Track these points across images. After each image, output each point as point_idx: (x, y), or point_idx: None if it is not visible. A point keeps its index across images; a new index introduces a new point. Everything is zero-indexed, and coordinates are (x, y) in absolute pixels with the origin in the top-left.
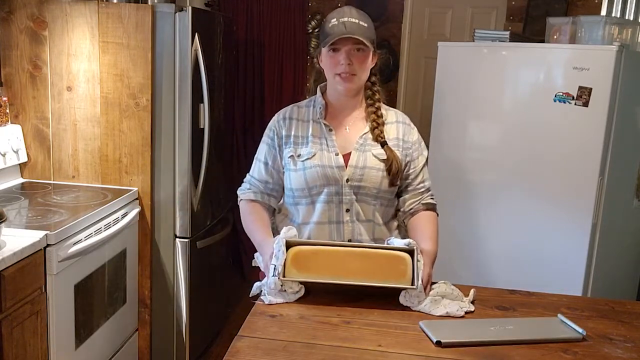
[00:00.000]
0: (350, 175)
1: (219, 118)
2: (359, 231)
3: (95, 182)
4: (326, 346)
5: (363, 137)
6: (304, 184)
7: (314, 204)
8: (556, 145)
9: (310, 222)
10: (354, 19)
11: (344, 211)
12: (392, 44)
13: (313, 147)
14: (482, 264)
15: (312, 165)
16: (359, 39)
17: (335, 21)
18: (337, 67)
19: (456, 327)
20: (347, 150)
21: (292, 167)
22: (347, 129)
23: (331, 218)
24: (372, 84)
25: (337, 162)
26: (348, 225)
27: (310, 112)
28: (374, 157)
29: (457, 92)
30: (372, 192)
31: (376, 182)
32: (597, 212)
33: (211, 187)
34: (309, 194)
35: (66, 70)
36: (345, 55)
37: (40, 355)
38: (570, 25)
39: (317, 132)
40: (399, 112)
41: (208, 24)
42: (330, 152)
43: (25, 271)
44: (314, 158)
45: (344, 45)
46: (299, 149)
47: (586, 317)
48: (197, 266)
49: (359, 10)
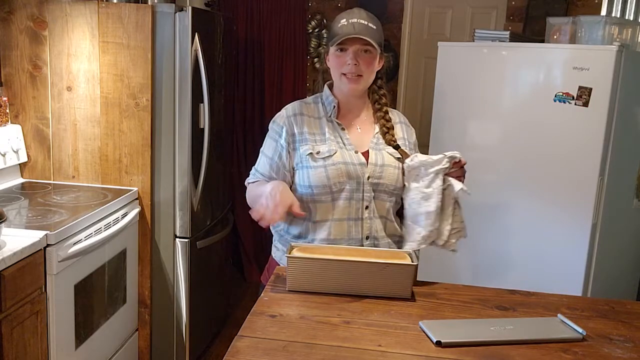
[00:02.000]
0: (371, 173)
1: (219, 118)
2: (375, 227)
3: (95, 182)
4: (326, 346)
5: (376, 137)
6: (326, 180)
7: (335, 201)
8: (556, 145)
9: (329, 219)
10: (363, 21)
11: (364, 208)
12: (392, 44)
13: (332, 145)
14: (482, 264)
15: (335, 162)
16: (367, 40)
17: (344, 21)
18: (344, 67)
19: (456, 327)
20: (362, 149)
21: (311, 164)
22: (359, 129)
23: (350, 215)
24: (379, 88)
25: (359, 159)
26: (366, 221)
27: (320, 109)
28: (390, 155)
29: (457, 92)
30: (389, 189)
31: (393, 179)
32: (597, 212)
33: (211, 187)
34: (330, 191)
35: (66, 70)
36: (353, 55)
37: (40, 355)
38: (570, 25)
39: (331, 130)
40: (398, 112)
41: (208, 24)
42: (349, 150)
43: (25, 271)
44: (336, 156)
45: (352, 46)
46: (317, 146)
47: (586, 317)
48: (197, 266)
49: (369, 13)
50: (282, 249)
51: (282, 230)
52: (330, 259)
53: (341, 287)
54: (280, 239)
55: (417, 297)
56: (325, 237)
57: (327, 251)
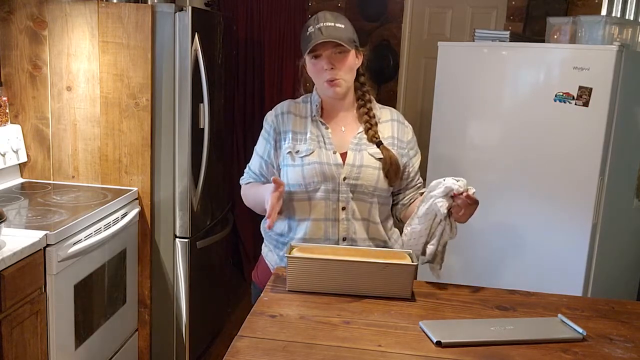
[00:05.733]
0: (347, 174)
1: (219, 118)
2: (353, 229)
3: (95, 182)
4: (326, 346)
5: (357, 137)
6: (301, 179)
7: (311, 201)
8: (556, 145)
9: (306, 219)
10: (329, 23)
11: (340, 209)
12: (392, 44)
13: (311, 144)
14: (482, 264)
15: (311, 162)
16: (336, 42)
17: (311, 29)
18: (323, 75)
19: (456, 327)
20: (343, 150)
21: (290, 162)
22: (342, 129)
23: (327, 215)
24: (362, 84)
25: (335, 160)
26: (343, 223)
27: (308, 108)
28: (370, 156)
29: (457, 92)
30: (368, 190)
31: (373, 180)
32: (597, 212)
33: (211, 187)
34: (305, 190)
35: (66, 70)
36: (327, 60)
37: (40, 355)
38: (570, 25)
39: (314, 129)
40: (393, 110)
41: (208, 24)
42: (328, 150)
43: (25, 271)
44: (313, 155)
45: (324, 50)
46: (297, 145)
47: (586, 317)
48: (197, 266)
49: (333, 13)
50: (268, 246)
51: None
52: (330, 259)
53: (341, 287)
54: (266, 235)
55: (417, 297)
56: (302, 237)
57: (327, 251)
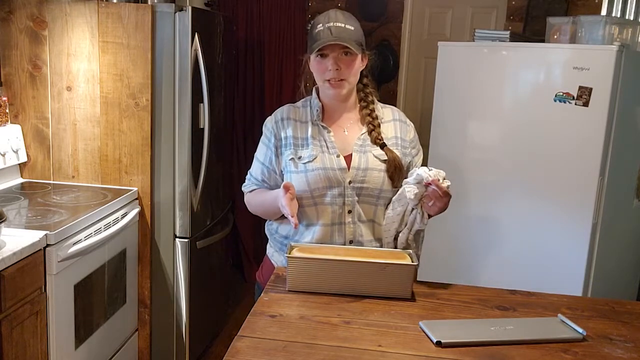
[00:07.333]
0: (352, 177)
1: (219, 118)
2: (360, 232)
3: (95, 182)
4: (326, 346)
5: (361, 139)
6: (306, 186)
7: (317, 206)
8: (556, 145)
9: (314, 224)
10: (340, 23)
11: (346, 212)
12: (392, 44)
13: (314, 150)
14: (482, 264)
15: (315, 168)
16: (345, 45)
17: (321, 26)
18: (326, 74)
19: (456, 327)
20: (346, 152)
21: (292, 169)
22: (345, 131)
23: (334, 220)
24: (365, 86)
25: (340, 164)
26: (349, 226)
27: (308, 112)
28: (375, 158)
29: (457, 92)
30: (374, 193)
31: (378, 182)
32: (597, 212)
33: (211, 187)
34: (311, 196)
35: (66, 70)
36: (333, 61)
37: (40, 355)
38: (570, 25)
39: (316, 133)
40: (394, 109)
41: (208, 24)
42: (331, 154)
43: (25, 271)
44: (316, 161)
45: (332, 51)
46: (299, 151)
47: (586, 317)
48: (197, 266)
49: (344, 13)
50: (274, 247)
51: (273, 229)
52: (330, 259)
53: (341, 287)
54: (271, 237)
55: (417, 297)
56: (309, 241)
57: (327, 251)
